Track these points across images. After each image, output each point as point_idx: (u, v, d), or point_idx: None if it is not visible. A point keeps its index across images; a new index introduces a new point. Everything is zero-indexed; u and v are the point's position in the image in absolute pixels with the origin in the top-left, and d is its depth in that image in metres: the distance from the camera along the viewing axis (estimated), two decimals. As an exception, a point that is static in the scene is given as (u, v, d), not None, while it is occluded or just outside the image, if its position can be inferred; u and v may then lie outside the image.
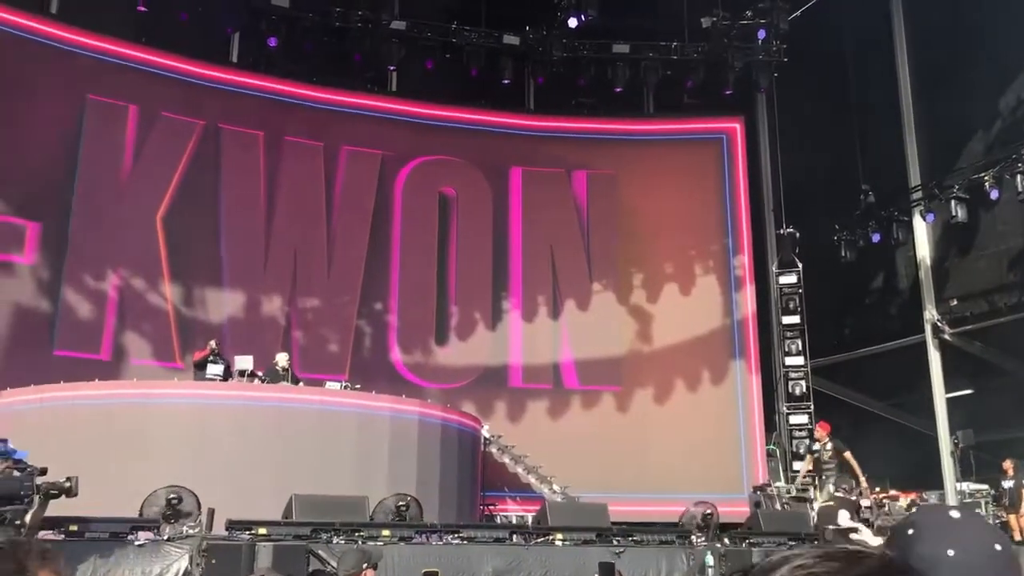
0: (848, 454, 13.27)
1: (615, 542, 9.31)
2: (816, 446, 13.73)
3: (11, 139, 14.52)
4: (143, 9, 15.62)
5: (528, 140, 18.67)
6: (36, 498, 7.40)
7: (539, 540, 9.17)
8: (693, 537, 9.87)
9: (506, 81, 18.07)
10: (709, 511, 10.40)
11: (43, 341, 14.47)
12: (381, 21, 17.23)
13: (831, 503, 9.03)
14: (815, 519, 10.96)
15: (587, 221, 18.36)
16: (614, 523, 10.14)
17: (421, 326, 17.41)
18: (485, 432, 15.12)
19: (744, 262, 18.31)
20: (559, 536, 9.23)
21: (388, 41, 17.47)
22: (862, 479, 12.91)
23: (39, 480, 7.41)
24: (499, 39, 17.88)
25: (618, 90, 18.33)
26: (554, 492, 15.09)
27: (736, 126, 19.05)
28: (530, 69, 18.62)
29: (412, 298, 17.46)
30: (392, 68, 18.10)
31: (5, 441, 7.61)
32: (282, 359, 12.90)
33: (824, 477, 13.39)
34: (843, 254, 17.63)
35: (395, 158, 17.85)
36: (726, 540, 10.12)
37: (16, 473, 7.39)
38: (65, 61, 15.37)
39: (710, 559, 9.00)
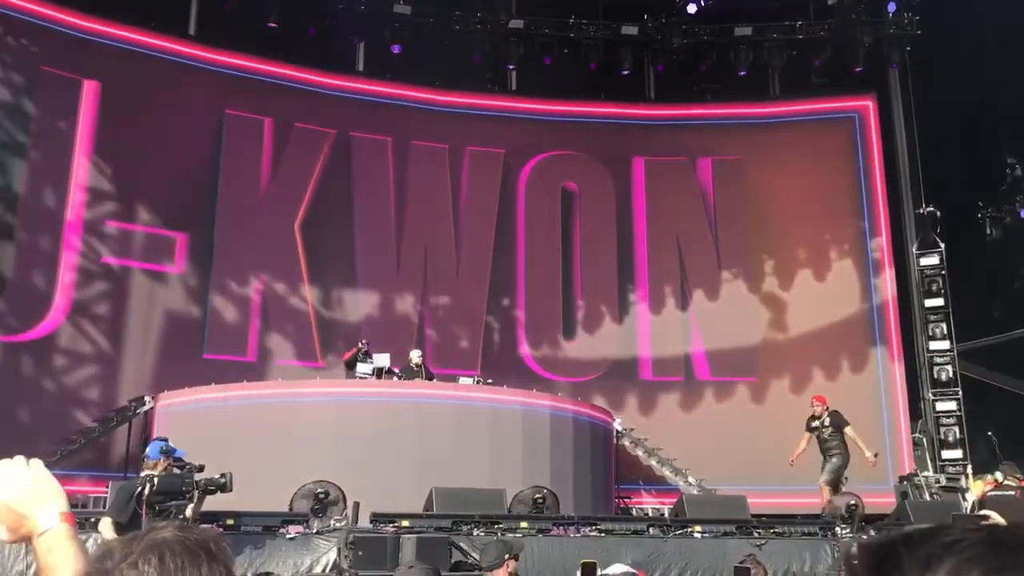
0: (850, 430, 11.89)
1: (756, 534, 9.15)
2: (815, 423, 12.28)
3: (159, 156, 15.42)
4: (274, 25, 16.31)
5: (650, 130, 18.51)
6: (195, 493, 7.84)
7: (677, 532, 9.11)
8: (837, 529, 9.59)
9: (625, 72, 17.97)
10: (853, 502, 10.08)
11: (194, 345, 15.33)
12: (499, 21, 17.43)
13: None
14: (970, 509, 10.44)
15: (714, 209, 18.05)
16: (753, 515, 9.96)
17: (548, 320, 17.54)
18: (617, 425, 15.10)
19: (882, 244, 17.63)
20: (698, 528, 9.15)
21: (506, 40, 17.67)
22: (868, 455, 11.80)
23: (197, 476, 7.85)
24: (617, 30, 17.79)
25: (742, 73, 17.94)
26: (690, 484, 14.92)
27: (868, 104, 18.34)
28: (649, 58, 18.44)
29: (538, 293, 17.61)
30: (511, 67, 18.28)
31: (166, 440, 8.08)
32: (415, 356, 13.26)
33: (827, 457, 12.08)
34: (988, 232, 16.74)
35: (517, 155, 18.03)
36: (871, 532, 9.79)
37: (176, 470, 7.85)
38: (204, 79, 16.21)
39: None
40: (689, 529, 9.16)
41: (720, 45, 17.98)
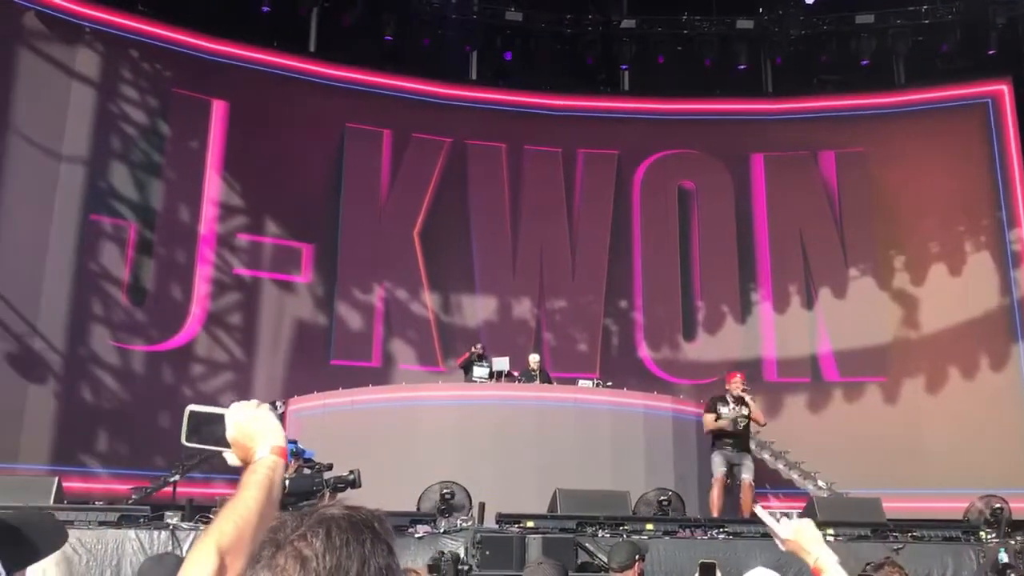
0: (757, 411, 10.38)
1: (892, 538, 8.78)
2: (724, 410, 10.49)
3: (284, 170, 16.01)
4: (390, 38, 16.73)
5: (768, 124, 18.06)
6: (326, 492, 8.08)
7: (809, 535, 8.80)
8: (982, 533, 9.10)
9: (742, 67, 17.60)
10: (999, 505, 9.55)
11: (322, 352, 15.84)
12: (611, 22, 17.37)
13: None
14: None
15: (839, 204, 17.46)
16: (889, 519, 9.56)
17: (667, 322, 17.32)
18: (742, 427, 14.74)
19: (1022, 235, 16.68)
20: (830, 531, 8.80)
21: (619, 41, 17.59)
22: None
23: (326, 475, 8.09)
24: (732, 25, 17.46)
25: (864, 63, 17.32)
26: (820, 488, 14.44)
27: (1003, 88, 17.37)
28: (766, 51, 18.01)
29: (656, 294, 17.42)
30: (624, 67, 18.17)
31: (295, 442, 8.31)
32: (534, 360, 13.33)
33: (736, 451, 10.45)
34: None
35: (631, 156, 17.90)
36: (1019, 537, 9.25)
37: (307, 471, 8.11)
38: (325, 94, 16.74)
39: (1004, 556, 8.26)
40: (821, 532, 8.84)
41: (840, 34, 17.41)
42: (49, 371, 13.72)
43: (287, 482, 7.26)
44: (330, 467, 8.34)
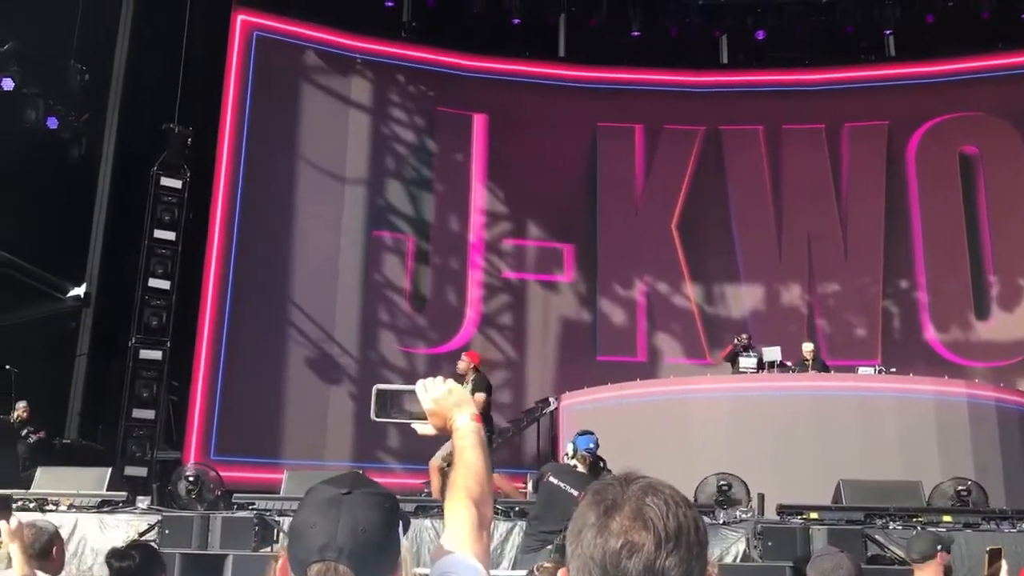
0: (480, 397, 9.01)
1: None
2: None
3: (543, 174, 16.50)
4: (637, 33, 16.74)
5: (1064, 75, 16.18)
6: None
7: None
8: None
9: (1026, 15, 15.91)
10: None
11: (588, 349, 16.15)
12: (872, -15, 16.34)
13: None
14: None
15: None
16: None
17: (956, 300, 15.99)
18: (1052, 412, 13.33)
19: None
20: None
21: (880, 4, 16.48)
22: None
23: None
24: (1013, -30, 15.83)
25: None
26: None
27: None
28: (1054, -7, 16.15)
29: (942, 271, 16.14)
30: (888, 32, 17.00)
31: (591, 433, 8.25)
32: (807, 349, 12.84)
33: None
34: None
35: (902, 125, 16.73)
36: None
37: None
38: (575, 96, 17.06)
39: None
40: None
41: None
42: (345, 374, 15.04)
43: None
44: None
